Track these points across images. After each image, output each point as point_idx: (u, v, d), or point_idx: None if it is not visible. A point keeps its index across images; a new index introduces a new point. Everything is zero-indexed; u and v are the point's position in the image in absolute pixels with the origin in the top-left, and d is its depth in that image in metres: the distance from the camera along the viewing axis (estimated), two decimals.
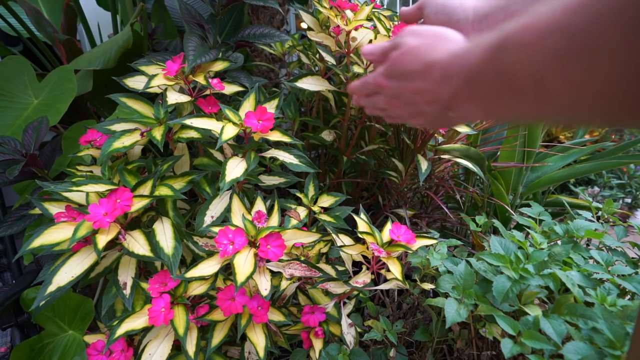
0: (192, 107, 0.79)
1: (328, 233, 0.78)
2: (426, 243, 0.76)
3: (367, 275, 0.72)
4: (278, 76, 1.38)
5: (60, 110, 0.85)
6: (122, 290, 0.66)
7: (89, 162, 0.80)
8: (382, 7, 1.06)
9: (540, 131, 1.21)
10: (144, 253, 0.64)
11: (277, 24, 1.33)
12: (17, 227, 0.82)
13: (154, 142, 0.68)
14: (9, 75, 0.92)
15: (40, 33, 1.02)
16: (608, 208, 0.96)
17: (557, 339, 0.58)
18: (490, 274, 0.71)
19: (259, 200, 0.74)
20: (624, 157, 1.20)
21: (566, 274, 0.68)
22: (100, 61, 0.87)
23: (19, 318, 0.88)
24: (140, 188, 0.68)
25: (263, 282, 0.63)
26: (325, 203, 0.86)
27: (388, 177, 1.10)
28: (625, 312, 0.63)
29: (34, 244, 0.61)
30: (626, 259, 0.80)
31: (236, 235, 0.64)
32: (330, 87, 0.92)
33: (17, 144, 0.79)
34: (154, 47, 1.07)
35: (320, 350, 0.74)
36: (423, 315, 0.91)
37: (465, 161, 0.99)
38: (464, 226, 1.22)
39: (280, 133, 0.73)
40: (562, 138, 2.17)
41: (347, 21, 0.84)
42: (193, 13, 0.87)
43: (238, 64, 0.93)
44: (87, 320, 0.83)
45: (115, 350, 0.69)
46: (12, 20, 1.03)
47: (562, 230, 0.86)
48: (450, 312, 0.65)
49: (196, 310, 0.70)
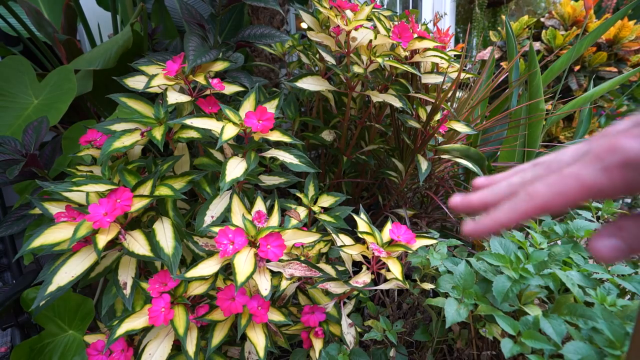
0: (192, 107, 0.79)
1: (328, 233, 0.78)
2: (426, 243, 0.76)
3: (367, 275, 0.72)
4: (278, 76, 1.38)
5: (60, 110, 0.85)
6: (122, 290, 0.66)
7: (89, 162, 0.80)
8: (382, 7, 1.06)
9: (540, 131, 1.21)
10: (144, 253, 0.64)
11: (277, 24, 1.33)
12: (17, 227, 0.82)
13: (154, 142, 0.68)
14: (9, 75, 0.92)
15: (40, 33, 1.02)
16: (608, 208, 0.96)
17: (557, 338, 0.58)
18: (490, 274, 0.71)
19: (259, 200, 0.74)
20: None
21: (566, 273, 0.68)
22: (100, 61, 0.87)
23: (19, 318, 0.88)
24: (140, 188, 0.68)
25: (263, 282, 0.63)
26: (325, 203, 0.86)
27: (388, 177, 1.10)
28: (625, 312, 0.63)
29: (34, 244, 0.61)
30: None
31: (236, 235, 0.64)
32: (330, 87, 0.92)
33: (17, 144, 0.79)
34: (154, 47, 1.07)
35: (320, 350, 0.74)
36: (423, 315, 0.91)
37: (465, 161, 0.99)
38: None
39: (280, 133, 0.73)
40: (562, 138, 2.17)
41: (347, 21, 0.84)
42: (193, 13, 0.87)
43: (238, 64, 0.93)
44: (87, 320, 0.83)
45: (116, 350, 0.69)
46: (12, 20, 1.03)
47: (562, 230, 0.86)
48: (450, 312, 0.65)
49: (196, 310, 0.70)
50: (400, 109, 0.98)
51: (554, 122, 1.38)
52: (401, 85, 0.97)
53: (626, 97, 2.40)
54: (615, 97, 2.18)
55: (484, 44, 3.13)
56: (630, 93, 2.35)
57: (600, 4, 2.67)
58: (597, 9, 2.67)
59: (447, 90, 0.94)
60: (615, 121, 2.23)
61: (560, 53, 2.01)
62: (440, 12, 3.12)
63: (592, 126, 2.23)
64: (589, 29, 2.00)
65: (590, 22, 2.05)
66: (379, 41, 0.87)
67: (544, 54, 2.09)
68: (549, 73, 1.25)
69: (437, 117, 0.96)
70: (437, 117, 0.96)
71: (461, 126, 0.96)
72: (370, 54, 0.88)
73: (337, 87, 1.04)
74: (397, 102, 0.91)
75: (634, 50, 1.99)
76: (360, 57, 0.90)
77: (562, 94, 2.04)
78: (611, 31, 2.00)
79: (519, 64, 1.41)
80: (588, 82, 2.01)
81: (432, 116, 0.96)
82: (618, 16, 1.18)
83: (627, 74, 1.16)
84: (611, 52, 2.04)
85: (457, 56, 1.10)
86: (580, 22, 2.10)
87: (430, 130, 0.97)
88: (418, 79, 1.06)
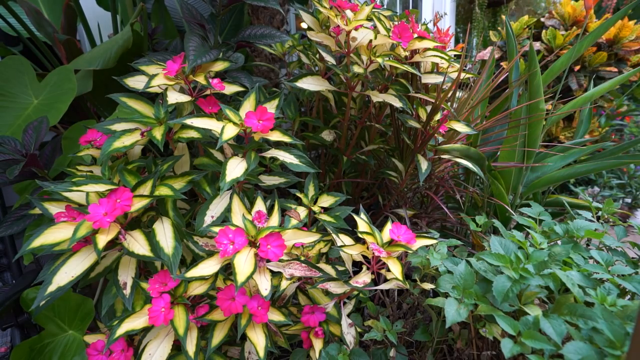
0: (192, 107, 0.79)
1: (328, 233, 0.78)
2: (426, 243, 0.76)
3: (367, 275, 0.72)
4: (278, 76, 1.38)
5: (60, 110, 0.85)
6: (122, 290, 0.66)
7: (89, 162, 0.80)
8: (382, 7, 1.06)
9: (540, 131, 1.21)
10: (144, 253, 0.64)
11: (277, 24, 1.33)
12: (17, 227, 0.82)
13: (154, 142, 0.68)
14: (9, 75, 0.92)
15: (40, 33, 1.02)
16: (608, 208, 0.96)
17: (557, 339, 0.58)
18: (490, 274, 0.71)
19: (259, 200, 0.74)
20: (624, 157, 1.20)
21: (566, 274, 0.68)
22: (100, 61, 0.87)
23: (19, 318, 0.88)
24: (140, 188, 0.68)
25: (263, 282, 0.63)
26: (325, 203, 0.86)
27: (388, 177, 1.10)
28: (625, 312, 0.63)
29: (34, 244, 0.61)
30: (626, 259, 0.80)
31: (236, 235, 0.64)
32: (330, 87, 0.92)
33: (17, 144, 0.79)
34: (154, 47, 1.07)
35: (320, 350, 0.74)
36: (423, 315, 0.91)
37: (465, 161, 0.99)
38: (464, 226, 1.22)
39: (280, 133, 0.73)
40: (562, 138, 2.17)
41: (347, 21, 0.84)
42: (194, 13, 0.87)
43: (238, 64, 0.93)
44: (87, 320, 0.83)
45: (115, 350, 0.69)
46: (12, 20, 1.03)
47: (562, 230, 0.86)
48: (450, 312, 0.65)
49: (196, 310, 0.70)
50: (400, 109, 0.98)
51: (554, 122, 1.38)
52: (401, 85, 0.97)
53: (626, 97, 2.40)
54: (615, 97, 2.18)
55: (484, 44, 3.13)
56: (630, 93, 2.35)
57: (600, 4, 2.67)
58: (597, 8, 2.67)
59: (447, 90, 0.94)
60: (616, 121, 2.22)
61: (561, 53, 2.01)
62: (440, 12, 3.12)
63: (592, 126, 2.23)
64: (589, 29, 2.00)
65: (591, 22, 2.05)
66: (379, 41, 0.87)
67: (544, 54, 2.09)
68: (549, 73, 1.25)
69: (437, 117, 0.96)
70: (437, 117, 0.96)
71: (461, 126, 0.96)
72: (370, 54, 0.88)
73: (337, 87, 1.04)
74: (397, 102, 0.91)
75: (634, 50, 1.99)
76: (360, 57, 0.90)
77: (562, 94, 2.04)
78: (611, 31, 2.00)
79: (519, 64, 1.41)
80: (588, 82, 2.01)
81: (432, 116, 0.96)
82: (618, 16, 1.18)
83: (627, 74, 1.16)
84: (611, 52, 2.05)
85: (457, 56, 1.10)
86: (581, 22, 2.11)
87: (430, 130, 0.97)
88: (418, 79, 1.06)
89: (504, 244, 0.75)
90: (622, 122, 2.40)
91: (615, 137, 2.40)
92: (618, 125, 2.38)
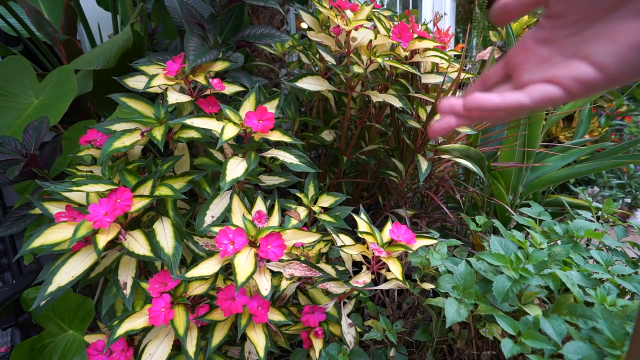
0: (192, 107, 0.79)
1: (328, 233, 0.78)
2: (426, 243, 0.76)
3: (367, 275, 0.72)
4: (278, 76, 1.38)
5: (60, 110, 0.85)
6: (122, 290, 0.66)
7: (89, 162, 0.80)
8: (382, 7, 1.06)
9: (540, 131, 1.21)
10: (144, 253, 0.64)
11: (277, 24, 1.33)
12: (17, 227, 0.82)
13: (154, 142, 0.68)
14: (9, 75, 0.92)
15: (40, 33, 1.02)
16: (608, 208, 0.96)
17: (557, 338, 0.58)
18: (490, 274, 0.71)
19: (259, 200, 0.74)
20: (624, 157, 1.20)
21: (566, 274, 0.68)
22: (100, 61, 0.87)
23: (19, 318, 0.88)
24: (141, 188, 0.68)
25: (263, 282, 0.63)
26: (326, 203, 0.86)
27: (388, 177, 1.10)
28: (625, 312, 0.63)
29: (34, 244, 0.61)
30: (626, 259, 0.80)
31: (236, 235, 0.64)
32: (330, 87, 0.92)
33: (17, 144, 0.79)
34: (154, 47, 1.07)
35: (320, 350, 0.74)
36: (423, 315, 0.91)
37: (465, 161, 0.99)
38: (464, 226, 1.22)
39: (280, 133, 0.73)
40: (562, 138, 2.17)
41: (347, 21, 0.84)
42: (193, 13, 0.87)
43: (238, 64, 0.93)
44: (87, 320, 0.83)
45: (116, 350, 0.69)
46: (12, 20, 1.03)
47: (562, 230, 0.86)
48: (450, 311, 0.65)
49: (196, 310, 0.70)
50: (400, 109, 0.98)
51: (554, 122, 1.38)
52: (401, 85, 0.97)
53: (626, 97, 2.40)
54: (615, 97, 2.18)
55: (484, 44, 3.13)
56: (630, 93, 2.35)
57: None
58: None
59: (447, 90, 0.94)
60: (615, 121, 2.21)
61: None
62: (440, 12, 3.12)
63: (592, 126, 2.23)
64: None
65: None
66: (379, 41, 0.87)
67: None
68: None
69: (437, 117, 0.96)
70: (437, 117, 0.96)
71: (461, 126, 0.96)
72: (370, 54, 0.88)
73: (337, 87, 1.04)
74: (397, 102, 0.91)
75: None
76: (360, 57, 0.90)
77: None
78: None
79: None
80: None
81: (432, 116, 0.96)
82: None
83: None
84: None
85: (457, 56, 1.10)
86: None
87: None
88: (418, 79, 1.06)
89: (504, 244, 0.75)
90: (622, 122, 2.40)
91: (615, 137, 2.40)
92: (618, 125, 2.38)
